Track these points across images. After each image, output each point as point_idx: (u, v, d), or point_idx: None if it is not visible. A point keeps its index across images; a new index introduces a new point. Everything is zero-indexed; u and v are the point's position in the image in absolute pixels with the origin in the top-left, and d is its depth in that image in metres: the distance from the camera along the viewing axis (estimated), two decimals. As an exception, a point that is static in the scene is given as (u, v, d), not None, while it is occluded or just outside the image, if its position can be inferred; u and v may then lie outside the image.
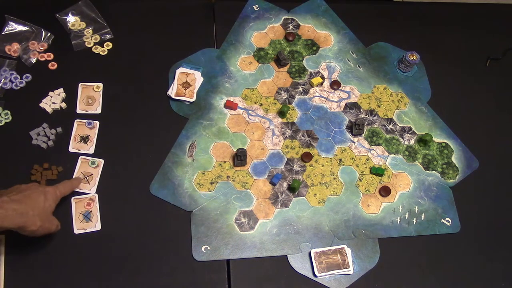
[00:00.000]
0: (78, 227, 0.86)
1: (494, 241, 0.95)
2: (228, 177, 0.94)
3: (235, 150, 0.96)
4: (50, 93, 0.95)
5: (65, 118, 0.94)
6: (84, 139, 0.93)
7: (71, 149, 0.92)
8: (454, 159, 1.01)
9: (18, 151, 0.91)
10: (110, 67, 1.01)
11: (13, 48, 0.99)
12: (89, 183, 0.89)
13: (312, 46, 1.09)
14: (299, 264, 0.88)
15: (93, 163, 0.90)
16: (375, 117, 1.03)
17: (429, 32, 1.15)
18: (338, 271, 0.87)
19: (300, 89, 1.04)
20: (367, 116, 1.03)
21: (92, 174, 0.90)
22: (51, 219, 0.79)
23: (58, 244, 0.85)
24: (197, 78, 1.01)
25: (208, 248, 0.87)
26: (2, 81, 0.96)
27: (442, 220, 0.95)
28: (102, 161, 0.91)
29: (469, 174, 1.00)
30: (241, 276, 0.87)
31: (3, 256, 0.83)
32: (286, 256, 0.89)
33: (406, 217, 0.94)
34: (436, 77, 1.09)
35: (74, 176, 0.89)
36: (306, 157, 0.97)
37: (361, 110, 1.03)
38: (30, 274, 0.83)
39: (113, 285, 0.83)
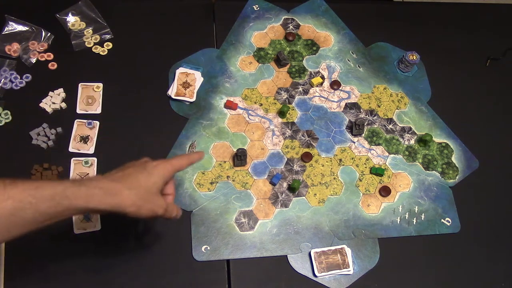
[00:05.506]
0: (78, 227, 0.86)
1: (494, 241, 0.95)
2: (228, 177, 0.94)
3: (235, 150, 0.96)
4: (50, 93, 0.95)
5: (65, 118, 0.94)
6: (84, 139, 0.93)
7: (71, 149, 0.92)
8: (454, 159, 1.01)
9: (18, 151, 0.91)
10: (110, 67, 1.01)
11: (13, 48, 0.99)
12: None
13: (312, 46, 1.09)
14: (299, 264, 0.88)
15: (86, 162, 0.90)
16: (375, 117, 1.03)
17: (429, 32, 1.15)
18: (338, 271, 0.87)
19: (300, 89, 1.04)
20: (367, 116, 1.03)
21: (88, 174, 0.90)
22: (155, 199, 0.67)
23: (58, 244, 0.85)
24: (197, 78, 1.01)
25: (208, 248, 0.87)
26: (2, 81, 0.96)
27: (442, 220, 0.95)
28: (95, 159, 0.91)
29: (469, 174, 1.00)
30: (241, 276, 0.87)
31: (3, 256, 0.82)
32: (286, 256, 0.89)
33: (406, 217, 0.94)
34: (436, 77, 1.09)
35: (70, 178, 0.89)
36: (306, 157, 0.97)
37: (361, 110, 1.03)
38: (30, 274, 0.82)
39: (113, 285, 0.83)
